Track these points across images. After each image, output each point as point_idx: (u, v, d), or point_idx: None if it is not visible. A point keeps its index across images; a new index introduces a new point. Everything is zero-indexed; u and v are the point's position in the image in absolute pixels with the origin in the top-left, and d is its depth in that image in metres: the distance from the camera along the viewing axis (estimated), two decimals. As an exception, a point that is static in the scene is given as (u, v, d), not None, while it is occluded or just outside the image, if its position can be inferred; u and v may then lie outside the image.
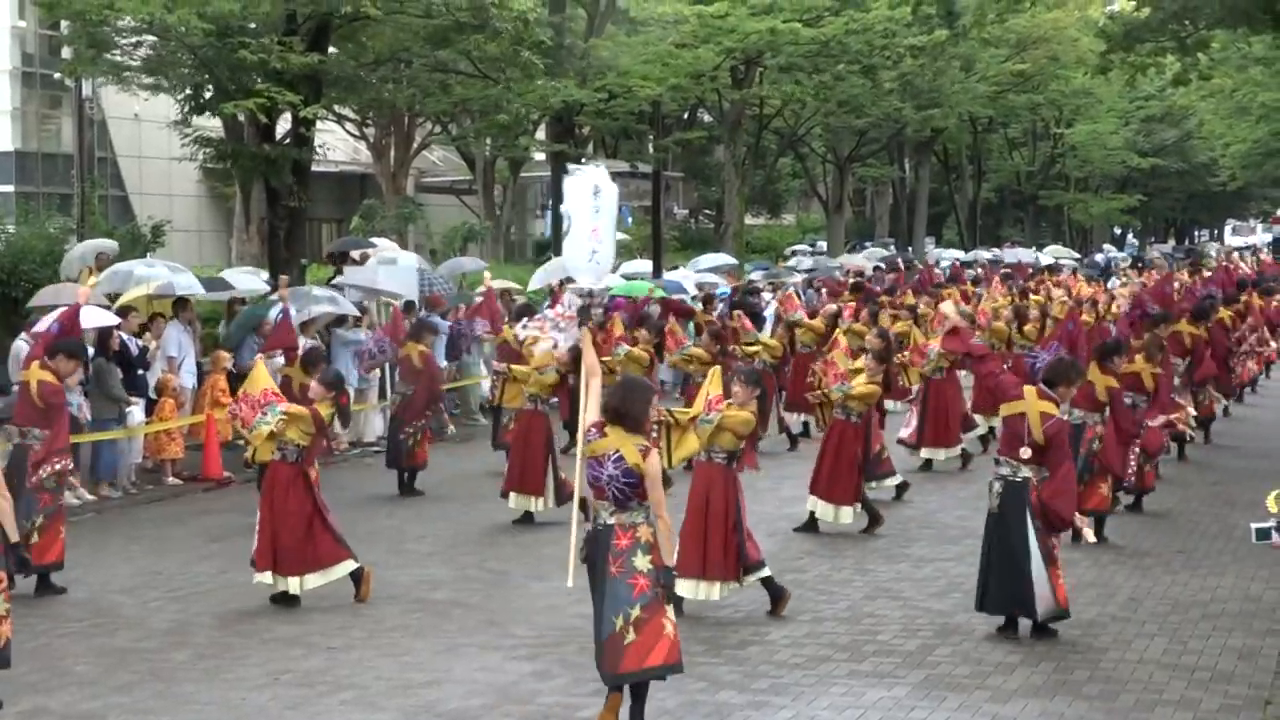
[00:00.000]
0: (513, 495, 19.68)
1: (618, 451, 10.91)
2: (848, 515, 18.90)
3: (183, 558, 18.16)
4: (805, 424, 26.20)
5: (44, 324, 21.56)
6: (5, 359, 22.61)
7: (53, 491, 16.42)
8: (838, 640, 13.86)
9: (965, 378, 23.26)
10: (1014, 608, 13.77)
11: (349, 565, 15.67)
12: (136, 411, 22.65)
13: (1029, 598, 13.54)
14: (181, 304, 25.15)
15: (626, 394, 11.27)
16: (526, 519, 19.60)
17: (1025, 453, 13.63)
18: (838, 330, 22.93)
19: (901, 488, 21.18)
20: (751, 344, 25.62)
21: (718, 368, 15.72)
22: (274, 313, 23.76)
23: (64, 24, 33.48)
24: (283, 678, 12.97)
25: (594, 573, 11.02)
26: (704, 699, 12.15)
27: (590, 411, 11.30)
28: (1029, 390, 13.86)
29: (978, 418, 24.32)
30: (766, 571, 14.89)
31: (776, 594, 14.85)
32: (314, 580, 15.61)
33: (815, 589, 16.11)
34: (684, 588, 14.40)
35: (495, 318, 24.37)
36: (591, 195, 12.16)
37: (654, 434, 12.46)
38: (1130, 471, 18.50)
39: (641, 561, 10.81)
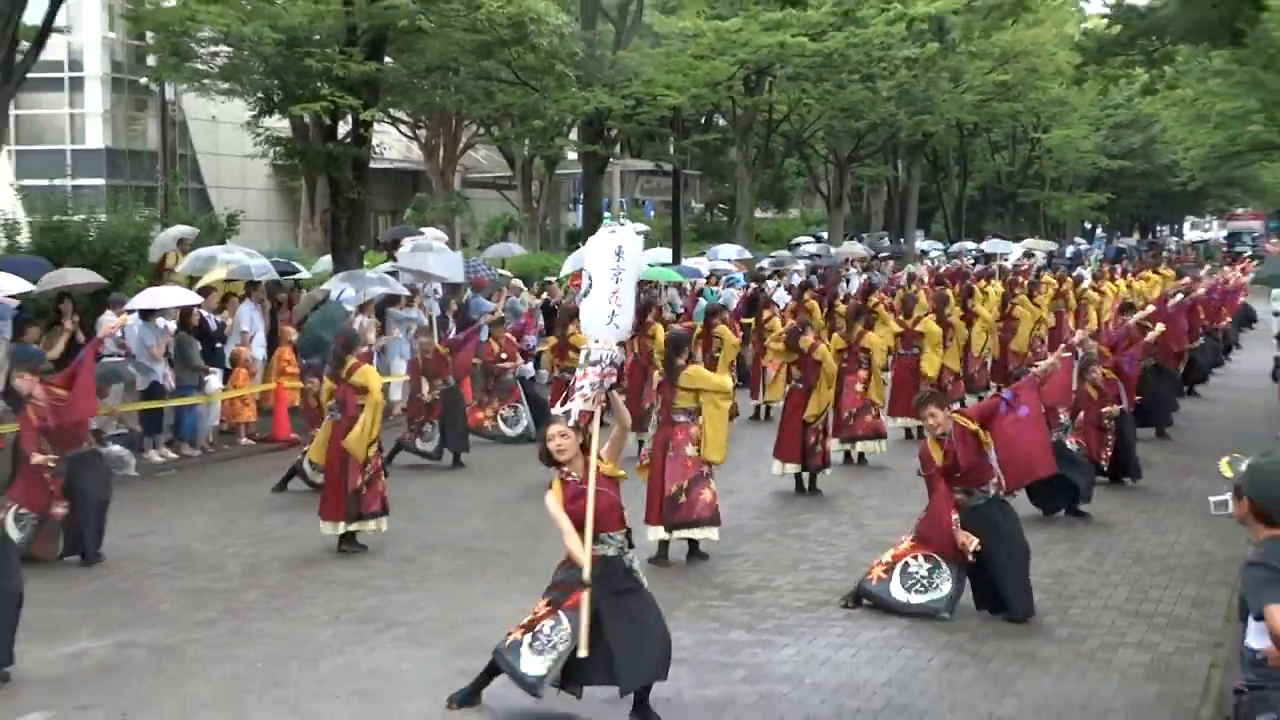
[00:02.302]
0: None
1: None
2: (777, 468, 19.13)
3: (255, 510, 18.28)
4: None
5: (136, 303, 21.75)
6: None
7: None
8: (836, 586, 13.92)
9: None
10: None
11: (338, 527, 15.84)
12: (214, 380, 22.81)
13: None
14: (253, 285, 25.27)
15: None
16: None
17: None
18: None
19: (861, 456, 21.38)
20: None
21: None
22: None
23: (149, 35, 33.52)
24: (343, 616, 13.07)
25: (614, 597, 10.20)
26: (716, 638, 12.22)
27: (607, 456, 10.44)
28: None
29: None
30: None
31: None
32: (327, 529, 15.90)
33: (816, 541, 16.19)
34: None
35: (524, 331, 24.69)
36: (614, 257, 10.79)
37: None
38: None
39: None
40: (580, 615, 9.94)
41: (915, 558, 13.07)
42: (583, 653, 9.90)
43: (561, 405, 10.67)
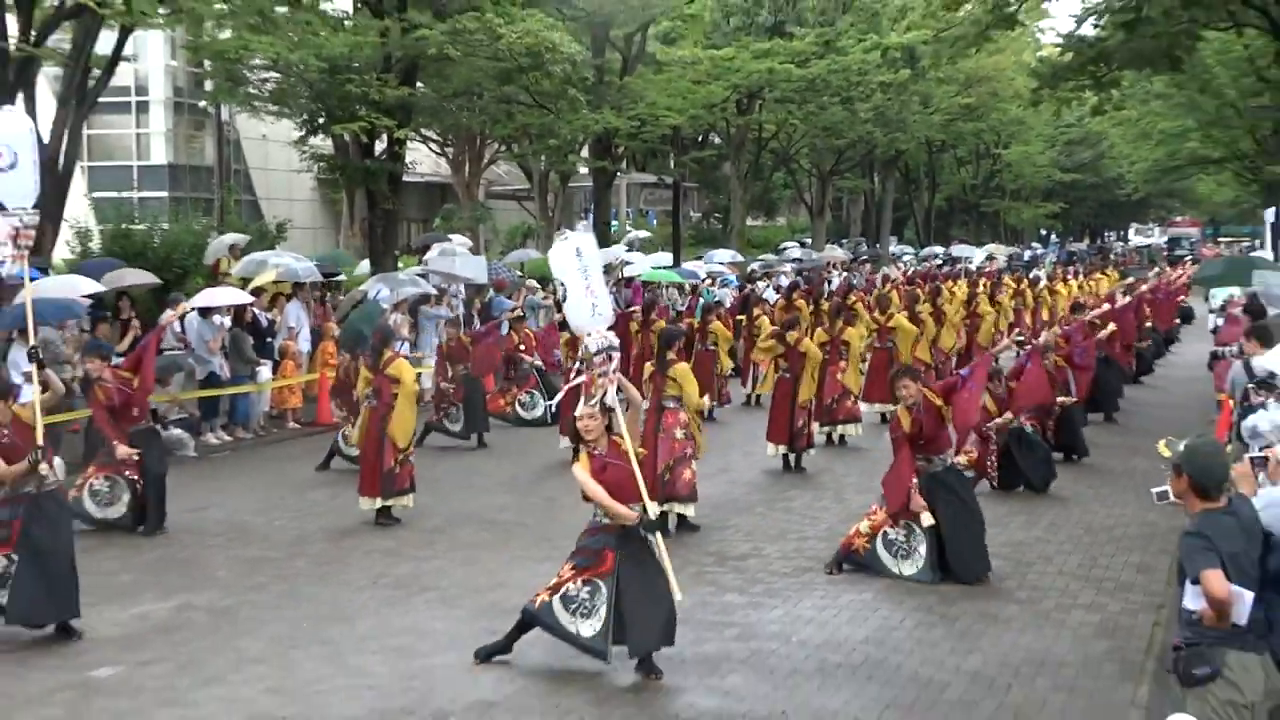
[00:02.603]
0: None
1: None
2: (770, 450, 19.03)
3: (301, 486, 18.27)
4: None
5: (195, 301, 21.78)
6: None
7: None
8: (819, 555, 13.90)
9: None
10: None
11: (370, 503, 15.76)
12: (265, 370, 22.81)
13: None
14: (299, 286, 25.28)
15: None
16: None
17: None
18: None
19: (841, 438, 21.30)
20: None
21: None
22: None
23: (207, 62, 33.52)
24: (380, 581, 13.07)
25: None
26: (713, 600, 12.22)
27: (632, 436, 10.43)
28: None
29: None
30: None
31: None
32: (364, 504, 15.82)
33: (801, 514, 16.17)
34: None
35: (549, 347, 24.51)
36: (576, 257, 10.76)
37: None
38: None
39: None
40: (662, 564, 10.06)
41: (892, 525, 13.05)
42: (678, 598, 10.06)
43: (585, 398, 10.59)
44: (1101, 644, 11.06)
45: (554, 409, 20.15)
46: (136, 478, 15.12)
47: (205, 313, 21.92)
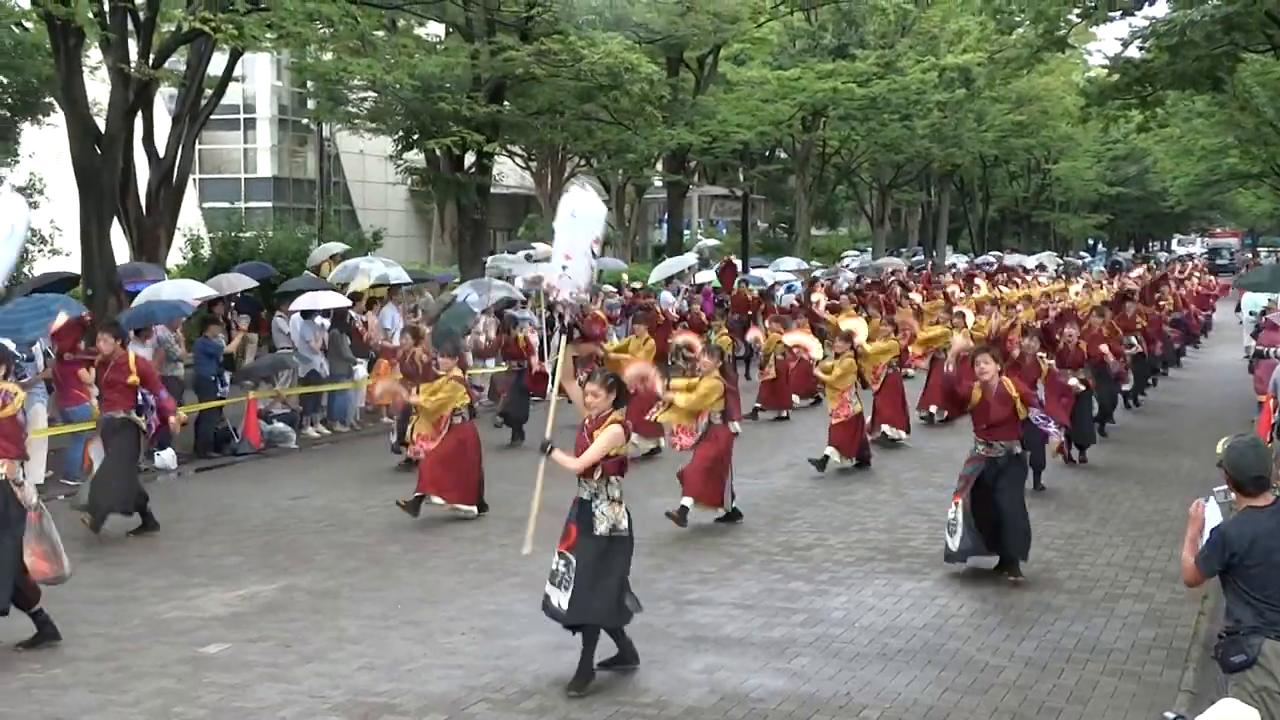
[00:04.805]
0: (634, 436, 19.48)
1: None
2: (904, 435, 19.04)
3: (394, 477, 18.26)
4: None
5: (299, 305, 21.94)
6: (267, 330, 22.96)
7: None
8: (880, 545, 13.78)
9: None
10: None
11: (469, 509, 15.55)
12: (361, 369, 22.92)
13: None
14: (393, 290, 25.38)
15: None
16: (652, 453, 19.52)
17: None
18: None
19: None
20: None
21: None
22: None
23: (309, 83, 33.74)
24: (469, 566, 13.07)
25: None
26: (779, 587, 12.13)
27: None
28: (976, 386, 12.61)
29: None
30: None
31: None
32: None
33: (862, 507, 16.03)
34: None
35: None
36: (569, 217, 10.25)
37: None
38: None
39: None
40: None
41: (951, 506, 12.77)
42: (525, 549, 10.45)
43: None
44: (1149, 631, 10.90)
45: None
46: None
47: (307, 315, 22.07)
